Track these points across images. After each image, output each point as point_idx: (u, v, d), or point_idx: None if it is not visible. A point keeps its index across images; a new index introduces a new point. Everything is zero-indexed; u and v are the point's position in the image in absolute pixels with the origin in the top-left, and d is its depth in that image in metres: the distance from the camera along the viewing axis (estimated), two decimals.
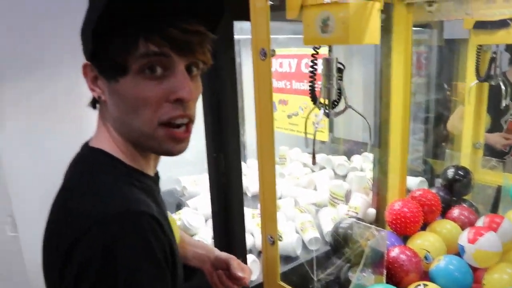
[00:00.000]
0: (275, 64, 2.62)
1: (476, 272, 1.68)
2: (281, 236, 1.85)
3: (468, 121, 2.37)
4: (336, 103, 1.39)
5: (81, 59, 0.86)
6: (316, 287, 1.61)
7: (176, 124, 0.83)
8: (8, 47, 2.08)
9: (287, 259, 1.83)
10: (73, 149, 0.91)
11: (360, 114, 1.41)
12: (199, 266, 1.29)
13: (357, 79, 3.36)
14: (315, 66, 1.43)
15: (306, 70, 2.43)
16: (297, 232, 1.96)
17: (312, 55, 1.42)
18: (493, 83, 2.07)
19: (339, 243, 1.47)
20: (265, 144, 1.33)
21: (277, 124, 2.69)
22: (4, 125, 2.13)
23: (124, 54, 0.79)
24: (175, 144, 0.85)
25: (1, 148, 2.11)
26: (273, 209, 1.32)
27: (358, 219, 1.61)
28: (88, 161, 0.88)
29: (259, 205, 2.30)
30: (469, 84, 2.23)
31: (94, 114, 0.92)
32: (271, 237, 1.31)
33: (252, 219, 2.07)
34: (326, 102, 1.37)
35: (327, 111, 1.38)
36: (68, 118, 2.20)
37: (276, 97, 2.67)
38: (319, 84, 1.40)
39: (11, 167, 2.15)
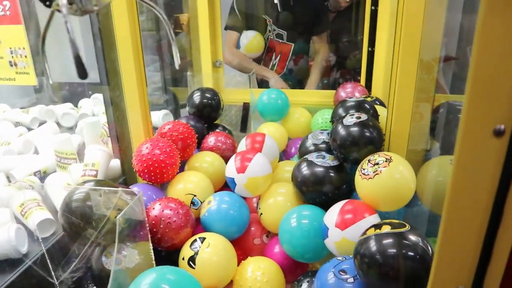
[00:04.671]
0: None
1: (249, 201, 1.47)
2: None
3: (205, 39, 2.10)
4: None
5: None
6: None
7: None
8: None
9: (10, 264, 1.23)
10: None
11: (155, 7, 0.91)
12: None
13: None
14: None
15: None
16: (17, 219, 1.36)
17: None
18: None
19: (77, 225, 0.98)
20: None
21: None
22: None
23: None
24: None
25: None
26: None
27: (98, 181, 1.13)
28: None
29: None
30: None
31: None
32: None
33: None
34: None
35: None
36: None
37: None
38: None
39: None
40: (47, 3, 0.76)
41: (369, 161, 1.09)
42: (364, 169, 1.08)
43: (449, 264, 0.52)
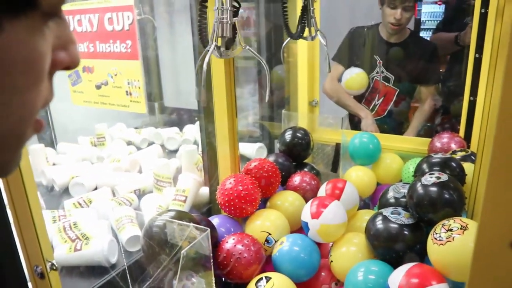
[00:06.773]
0: (72, 22, 2.07)
1: (322, 247, 1.47)
2: (88, 240, 1.40)
3: (302, 79, 2.17)
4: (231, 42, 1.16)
5: None
6: None
7: None
8: None
9: (99, 270, 1.39)
10: None
11: (258, 56, 1.23)
12: None
13: (180, 41, 2.94)
14: (204, 3, 1.17)
15: (111, 27, 1.94)
16: (113, 232, 1.54)
17: None
18: (309, 39, 1.73)
19: (154, 249, 1.09)
20: None
21: (84, 97, 2.17)
22: None
23: None
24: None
25: None
26: (41, 228, 0.87)
27: (179, 212, 1.23)
28: None
29: (65, 203, 1.81)
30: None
31: None
32: (38, 268, 0.87)
33: (52, 223, 1.58)
34: (219, 42, 1.15)
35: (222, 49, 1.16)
36: None
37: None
38: None
39: None
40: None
41: (443, 225, 1.04)
42: (436, 233, 1.04)
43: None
